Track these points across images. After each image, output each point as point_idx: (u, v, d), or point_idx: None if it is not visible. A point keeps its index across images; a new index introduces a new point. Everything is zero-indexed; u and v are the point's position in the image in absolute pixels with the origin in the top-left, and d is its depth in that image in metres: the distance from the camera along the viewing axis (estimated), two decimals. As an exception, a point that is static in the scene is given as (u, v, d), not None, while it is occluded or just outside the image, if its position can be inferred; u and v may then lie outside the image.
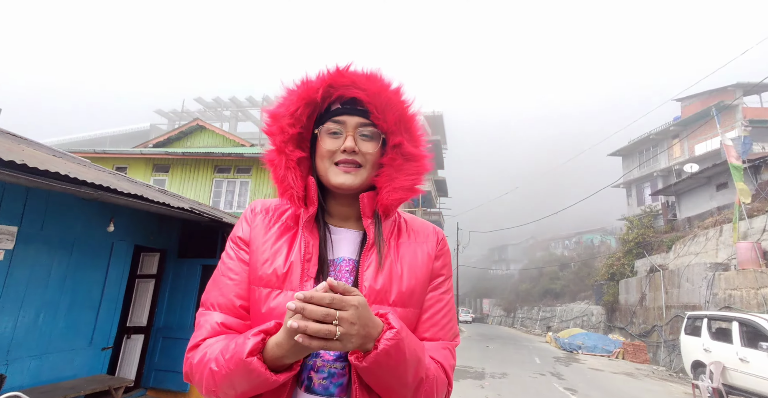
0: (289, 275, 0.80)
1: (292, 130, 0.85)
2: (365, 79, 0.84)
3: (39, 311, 3.98)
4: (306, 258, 0.82)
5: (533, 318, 34.59)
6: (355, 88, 0.84)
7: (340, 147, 0.84)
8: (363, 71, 0.85)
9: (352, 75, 0.84)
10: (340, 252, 0.86)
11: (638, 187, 32.42)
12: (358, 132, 0.85)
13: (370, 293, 0.80)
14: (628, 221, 22.22)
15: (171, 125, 30.79)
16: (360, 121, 0.85)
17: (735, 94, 23.29)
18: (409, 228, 0.93)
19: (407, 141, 0.87)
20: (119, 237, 4.92)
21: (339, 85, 0.85)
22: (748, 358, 7.30)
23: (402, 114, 0.87)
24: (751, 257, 11.45)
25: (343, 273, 0.84)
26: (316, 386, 0.75)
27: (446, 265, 0.93)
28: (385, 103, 0.85)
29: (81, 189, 3.24)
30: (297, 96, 0.85)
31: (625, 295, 18.77)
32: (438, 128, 25.63)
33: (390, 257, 0.85)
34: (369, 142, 0.86)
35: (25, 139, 5.15)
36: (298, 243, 0.84)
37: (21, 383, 3.78)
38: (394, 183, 0.86)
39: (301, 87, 0.85)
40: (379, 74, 0.86)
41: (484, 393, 7.55)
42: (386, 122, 0.85)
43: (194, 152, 12.46)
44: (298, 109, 0.85)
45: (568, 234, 50.21)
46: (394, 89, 0.86)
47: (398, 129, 0.87)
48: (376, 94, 0.84)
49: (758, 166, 15.41)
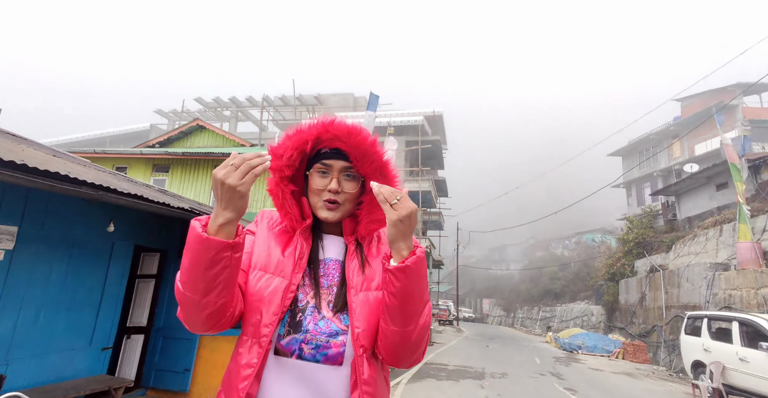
0: (283, 265, 1.02)
1: (287, 171, 1.07)
2: (347, 134, 1.04)
3: (39, 311, 3.98)
4: (299, 256, 1.03)
5: (533, 318, 34.57)
6: (337, 141, 1.05)
7: (327, 186, 1.05)
8: (345, 126, 1.05)
9: (335, 129, 1.05)
10: (329, 254, 1.08)
11: (638, 187, 32.42)
12: (342, 174, 1.07)
13: (357, 283, 1.01)
14: (628, 221, 22.22)
15: (171, 125, 30.76)
16: (344, 165, 1.07)
17: (735, 94, 23.29)
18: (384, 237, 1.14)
19: (382, 183, 1.03)
20: (119, 238, 4.92)
21: (325, 138, 1.06)
22: (748, 358, 7.30)
23: (378, 162, 1.07)
24: (751, 257, 11.45)
25: (330, 270, 1.05)
26: (306, 354, 0.94)
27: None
28: (362, 153, 1.05)
29: (81, 189, 3.24)
30: (292, 144, 1.06)
31: (625, 295, 18.77)
32: (438, 128, 25.61)
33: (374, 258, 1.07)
34: (351, 182, 1.08)
35: (25, 139, 5.15)
36: (294, 245, 1.05)
37: (21, 383, 3.78)
38: (372, 216, 1.08)
39: (295, 136, 1.06)
40: (358, 129, 1.05)
41: (484, 393, 7.55)
42: (364, 168, 1.07)
43: (194, 152, 12.45)
44: (292, 155, 1.06)
45: (568, 234, 50.19)
46: (370, 141, 1.05)
47: (374, 174, 1.07)
48: (355, 147, 1.05)
49: (758, 166, 15.41)
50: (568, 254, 42.56)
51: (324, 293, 1.01)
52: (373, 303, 0.99)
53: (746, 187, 14.50)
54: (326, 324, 0.97)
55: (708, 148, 24.91)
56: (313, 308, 0.98)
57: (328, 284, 1.03)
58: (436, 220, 27.82)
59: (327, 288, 1.02)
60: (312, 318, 0.97)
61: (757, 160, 15.59)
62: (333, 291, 1.01)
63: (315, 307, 0.98)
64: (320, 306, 0.99)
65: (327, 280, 1.03)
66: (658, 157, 29.60)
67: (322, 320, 0.97)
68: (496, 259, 62.66)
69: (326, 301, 1.00)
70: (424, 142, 22.04)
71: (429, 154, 23.56)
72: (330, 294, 1.01)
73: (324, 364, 0.94)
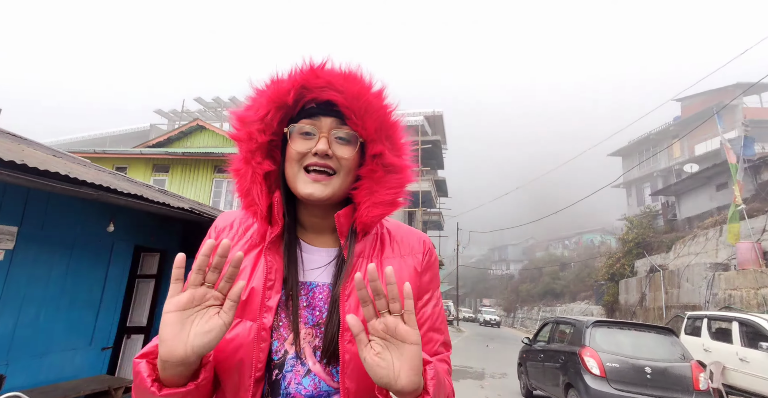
0: (249, 303, 0.71)
1: (261, 137, 0.75)
2: (343, 80, 0.73)
3: (39, 311, 3.98)
4: (267, 285, 0.72)
5: (533, 318, 34.56)
6: (331, 90, 0.74)
7: (312, 149, 0.73)
8: (340, 70, 0.74)
9: (327, 74, 0.74)
10: (313, 276, 0.76)
11: (638, 187, 32.43)
12: (333, 134, 0.74)
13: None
14: (628, 221, 22.21)
15: (171, 125, 30.75)
16: (336, 122, 0.75)
17: (735, 94, 23.29)
18: (393, 240, 0.83)
19: (389, 150, 0.77)
20: (119, 238, 4.92)
21: (313, 86, 0.74)
22: (748, 358, 7.30)
23: (384, 120, 0.77)
24: (751, 257, 11.45)
25: (317, 301, 0.74)
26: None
27: (434, 277, 0.84)
28: (364, 107, 0.74)
29: (81, 189, 3.24)
30: (267, 98, 0.75)
31: (625, 295, 18.77)
32: (438, 128, 25.62)
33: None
34: (345, 146, 0.75)
35: (25, 139, 5.15)
36: (261, 267, 0.74)
37: (21, 383, 3.78)
38: (374, 197, 0.76)
39: (270, 87, 0.75)
40: (358, 74, 0.75)
41: (484, 393, 7.55)
42: (365, 129, 0.75)
43: (194, 152, 12.46)
44: (269, 113, 0.74)
45: (568, 234, 50.24)
46: (375, 92, 0.76)
47: (379, 137, 0.76)
48: (355, 98, 0.73)
49: (758, 166, 15.41)
50: (568, 254, 42.56)
51: (309, 334, 0.72)
52: None
53: (747, 187, 14.51)
54: (312, 382, 0.70)
55: (708, 148, 24.90)
56: (294, 359, 0.70)
57: (313, 321, 0.73)
58: (436, 220, 27.83)
59: (312, 327, 0.72)
60: (293, 375, 0.70)
61: (758, 160, 15.59)
62: (321, 333, 0.71)
63: (296, 358, 0.70)
64: (304, 355, 0.71)
65: (312, 315, 0.73)
66: (658, 157, 29.60)
67: (307, 376, 0.70)
68: (496, 259, 62.69)
69: (311, 347, 0.71)
70: (424, 142, 22.05)
71: (429, 154, 23.56)
72: (317, 337, 0.72)
73: None
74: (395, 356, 0.60)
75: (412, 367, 0.59)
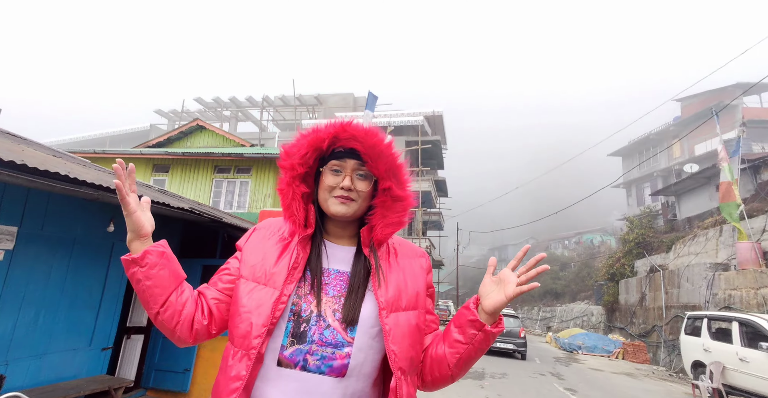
0: (274, 276, 1.00)
1: (300, 169, 1.06)
2: (363, 134, 1.04)
3: (39, 311, 3.98)
4: (293, 266, 1.01)
5: (533, 318, 34.57)
6: (354, 141, 1.04)
7: (339, 184, 1.03)
8: (362, 127, 1.05)
9: (353, 129, 1.04)
10: (334, 264, 1.05)
11: (638, 187, 32.43)
12: (355, 173, 1.05)
13: (387, 304, 0.99)
14: (628, 221, 22.21)
15: (171, 125, 30.76)
16: (357, 164, 1.05)
17: (735, 94, 23.29)
18: (400, 248, 1.14)
19: (395, 185, 1.07)
20: (119, 238, 4.92)
21: (342, 137, 1.04)
22: (748, 358, 7.30)
23: (392, 163, 1.06)
24: (751, 257, 11.45)
25: (336, 281, 1.03)
26: (311, 365, 0.93)
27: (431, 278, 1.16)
28: (378, 154, 1.04)
29: (81, 189, 3.24)
30: (308, 142, 1.05)
31: (625, 295, 18.77)
32: (438, 128, 25.61)
33: (393, 272, 1.05)
34: (363, 181, 1.06)
35: (25, 139, 5.15)
36: (289, 254, 1.03)
37: (21, 383, 3.78)
38: (386, 220, 1.06)
39: (311, 134, 1.05)
40: (375, 131, 1.05)
41: (484, 393, 7.55)
42: (378, 170, 1.05)
43: (194, 152, 12.44)
44: (307, 153, 1.05)
45: (568, 234, 50.23)
46: (386, 144, 1.05)
47: (388, 175, 1.06)
48: (371, 147, 1.04)
49: (758, 166, 15.39)
50: (568, 254, 42.56)
51: (330, 301, 0.99)
52: (404, 325, 0.99)
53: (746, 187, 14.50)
54: (332, 334, 0.95)
55: (708, 148, 24.90)
56: (318, 317, 0.96)
57: (334, 293, 1.00)
58: (436, 220, 27.82)
59: (334, 297, 1.00)
60: (317, 328, 0.95)
61: (757, 160, 15.57)
62: (340, 302, 0.99)
63: (319, 316, 0.97)
64: (325, 314, 0.97)
65: (334, 290, 1.01)
66: (658, 157, 29.61)
67: (327, 329, 0.95)
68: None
69: (331, 310, 0.98)
70: (424, 142, 22.05)
71: (429, 154, 23.56)
72: (337, 304, 0.99)
73: (328, 376, 0.93)
74: (499, 288, 1.00)
75: (502, 298, 0.98)
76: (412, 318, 1.01)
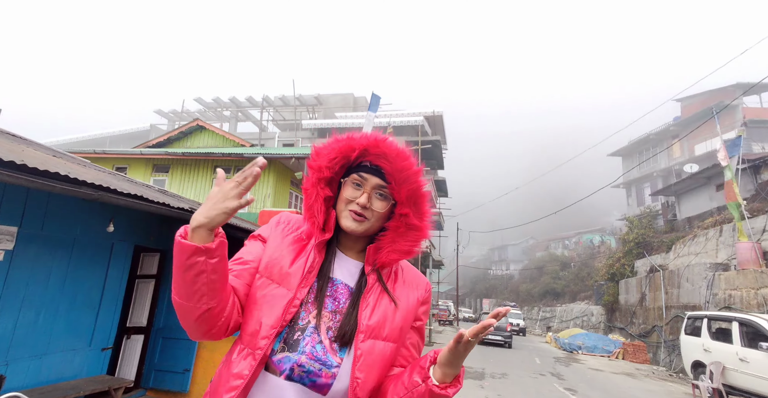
0: (289, 277, 0.97)
1: (326, 172, 1.03)
2: (395, 155, 1.00)
3: (39, 311, 3.98)
4: (308, 270, 0.99)
5: (533, 318, 34.57)
6: (383, 159, 1.01)
7: (357, 199, 1.00)
8: (396, 146, 1.01)
9: (386, 147, 1.00)
10: (341, 275, 1.03)
11: (638, 187, 32.43)
12: (375, 191, 1.01)
13: (367, 329, 0.95)
14: (628, 221, 22.21)
15: (171, 125, 30.75)
16: (379, 183, 1.01)
17: (735, 94, 23.28)
18: (404, 275, 1.09)
19: (413, 214, 1.02)
20: (119, 238, 4.92)
21: (372, 151, 1.01)
22: (748, 358, 7.30)
23: (416, 191, 1.02)
24: (751, 257, 11.45)
25: (338, 294, 1.00)
26: (296, 375, 0.89)
27: (427, 311, 1.11)
28: (404, 178, 1.00)
29: (81, 189, 3.24)
30: (338, 148, 1.02)
31: (625, 295, 18.77)
32: (438, 128, 25.61)
33: (385, 300, 1.00)
34: (381, 201, 1.02)
35: (25, 139, 5.15)
36: (305, 257, 1.01)
37: (21, 383, 3.78)
38: (395, 246, 1.02)
39: (344, 141, 1.03)
40: (408, 154, 1.01)
41: (484, 393, 7.55)
42: (399, 194, 1.01)
43: (194, 152, 12.45)
44: (336, 158, 1.02)
45: (568, 234, 50.21)
46: (415, 170, 1.01)
47: (408, 202, 1.02)
48: (399, 170, 1.00)
49: (758, 166, 15.39)
50: (568, 254, 42.56)
51: (326, 316, 0.96)
52: (378, 354, 0.95)
53: (746, 187, 14.49)
54: (323, 350, 0.92)
55: (708, 148, 24.90)
56: (314, 329, 0.93)
57: (332, 308, 0.97)
58: (436, 220, 27.82)
59: (331, 312, 0.96)
60: (311, 340, 0.92)
61: (757, 160, 15.56)
62: (337, 318, 0.96)
63: (315, 329, 0.93)
64: (320, 329, 0.94)
65: (333, 303, 0.98)
66: (658, 157, 29.60)
67: (320, 344, 0.92)
68: (496, 259, 62.69)
69: (326, 326, 0.94)
70: (423, 142, 22.03)
71: (429, 154, 23.55)
72: (332, 320, 0.96)
73: (310, 390, 0.90)
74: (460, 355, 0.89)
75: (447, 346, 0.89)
76: (388, 350, 0.97)
